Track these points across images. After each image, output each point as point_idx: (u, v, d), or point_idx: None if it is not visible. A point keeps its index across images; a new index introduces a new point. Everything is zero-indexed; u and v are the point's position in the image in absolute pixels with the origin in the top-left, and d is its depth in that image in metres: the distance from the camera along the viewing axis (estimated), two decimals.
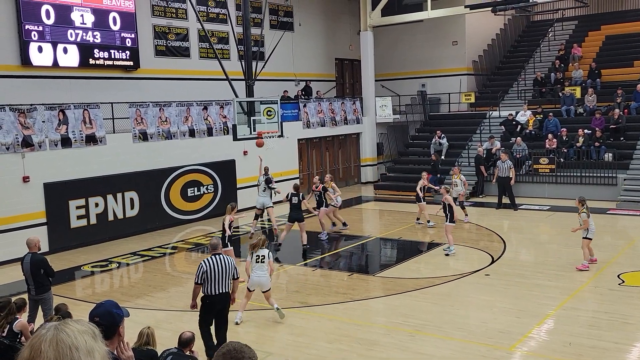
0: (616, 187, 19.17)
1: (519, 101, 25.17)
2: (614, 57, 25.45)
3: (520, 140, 21.61)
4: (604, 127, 20.93)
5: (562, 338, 8.49)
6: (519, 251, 13.97)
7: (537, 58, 27.86)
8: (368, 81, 26.13)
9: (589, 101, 22.69)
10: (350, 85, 29.74)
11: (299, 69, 25.75)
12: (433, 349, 8.32)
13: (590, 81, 23.93)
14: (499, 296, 10.58)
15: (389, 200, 21.61)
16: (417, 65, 28.40)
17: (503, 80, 27.80)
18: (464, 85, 27.43)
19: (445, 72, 27.90)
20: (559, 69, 25.45)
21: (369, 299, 10.83)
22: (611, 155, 19.98)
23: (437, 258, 13.46)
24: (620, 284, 10.77)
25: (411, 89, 27.96)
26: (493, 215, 18.32)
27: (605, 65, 24.80)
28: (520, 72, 27.51)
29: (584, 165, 20.07)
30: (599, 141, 20.27)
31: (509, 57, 29.65)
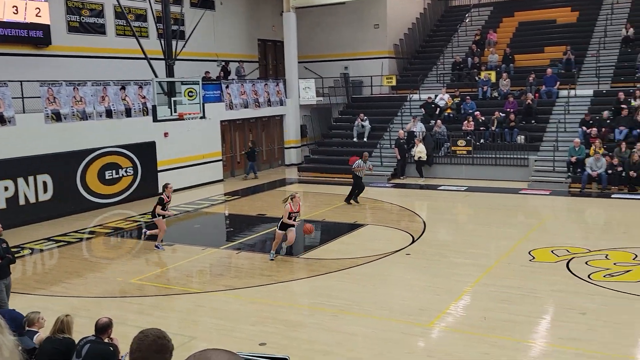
0: (527, 168, 20.10)
1: (438, 84, 25.83)
2: (526, 43, 26.53)
3: (440, 122, 22.22)
4: (517, 110, 21.85)
5: (477, 313, 8.86)
6: (438, 231, 14.42)
7: (455, 43, 28.63)
8: (291, 63, 26.03)
9: (503, 85, 23.59)
10: (273, 67, 29.54)
11: (221, 49, 25.30)
12: (355, 327, 8.48)
13: (505, 66, 24.87)
14: (418, 275, 10.90)
15: (312, 182, 21.73)
16: (340, 48, 28.55)
17: (423, 64, 28.42)
18: (386, 68, 27.85)
19: (367, 55, 28.20)
20: (475, 54, 26.27)
21: (293, 281, 10.89)
22: (523, 138, 20.93)
23: (360, 239, 13.69)
24: (531, 260, 11.34)
25: (334, 72, 28.10)
26: (414, 196, 18.80)
27: (518, 50, 25.82)
28: (439, 56, 28.20)
29: (498, 147, 20.91)
30: (512, 124, 21.15)
31: (429, 42, 30.32)
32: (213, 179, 21.77)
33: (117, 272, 11.61)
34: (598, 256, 11.41)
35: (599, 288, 9.67)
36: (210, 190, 20.62)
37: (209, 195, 19.67)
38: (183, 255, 12.67)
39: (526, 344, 7.82)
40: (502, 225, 14.70)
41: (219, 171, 22.31)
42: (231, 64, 25.34)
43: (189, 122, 18.74)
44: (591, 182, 18.12)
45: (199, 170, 21.15)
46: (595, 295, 9.37)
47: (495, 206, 16.90)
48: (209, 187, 21.22)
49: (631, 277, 10.21)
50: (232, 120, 23.52)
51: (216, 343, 7.96)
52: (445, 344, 7.94)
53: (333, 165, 23.25)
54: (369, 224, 15.13)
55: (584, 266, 10.77)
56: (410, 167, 21.77)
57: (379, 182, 20.90)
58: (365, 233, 14.20)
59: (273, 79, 26.52)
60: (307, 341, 8.05)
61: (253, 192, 20.37)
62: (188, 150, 20.69)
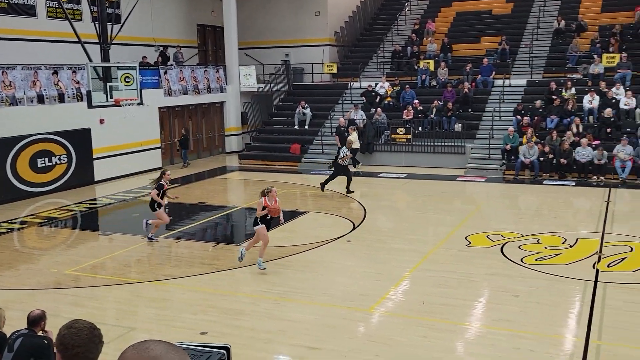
0: (464, 155, 20.62)
1: (379, 73, 26.08)
2: (463, 33, 27.11)
3: (380, 110, 22.48)
4: (455, 99, 22.35)
5: (416, 297, 9.06)
6: (378, 217, 14.62)
7: (395, 31, 28.95)
8: (231, 49, 25.70)
9: (442, 74, 24.06)
10: (213, 53, 29.10)
11: (158, 34, 24.71)
12: (297, 314, 8.53)
13: (443, 55, 25.35)
14: (359, 261, 11.04)
15: (254, 170, 21.61)
16: (281, 35, 28.38)
17: (363, 52, 28.61)
18: (327, 56, 27.89)
19: (308, 42, 28.16)
20: (414, 43, 26.65)
21: (235, 269, 10.83)
22: (460, 126, 21.45)
23: (301, 226, 13.73)
24: (467, 245, 11.67)
25: (275, 58, 27.94)
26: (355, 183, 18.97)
27: (456, 40, 26.35)
28: (380, 44, 28.46)
29: (436, 135, 21.35)
30: (450, 112, 21.63)
31: (369, 30, 30.53)
32: (151, 167, 21.31)
33: (51, 263, 11.24)
34: (530, 240, 11.85)
35: (531, 271, 10.06)
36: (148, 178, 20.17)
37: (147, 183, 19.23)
38: (121, 244, 12.39)
39: (462, 327, 8.06)
40: (440, 211, 15.05)
41: (157, 159, 21.86)
42: (169, 49, 24.81)
43: (125, 108, 18.28)
44: (524, 169, 18.77)
45: (137, 158, 20.67)
46: (528, 278, 9.74)
47: (433, 193, 17.26)
48: (148, 175, 20.76)
49: (561, 260, 10.66)
50: (171, 106, 23.07)
51: (156, 333, 7.85)
52: (385, 329, 8.09)
53: (274, 153, 23.19)
54: (311, 211, 15.19)
55: (517, 250, 11.17)
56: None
57: (319, 170, 20.99)
58: (307, 220, 14.25)
59: (213, 65, 26.13)
60: (249, 329, 8.04)
61: (193, 180, 20.08)
62: (125, 138, 20.16)
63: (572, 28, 24.87)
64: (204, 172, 21.43)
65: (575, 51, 23.43)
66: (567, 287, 9.31)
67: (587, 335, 7.59)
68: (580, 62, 22.88)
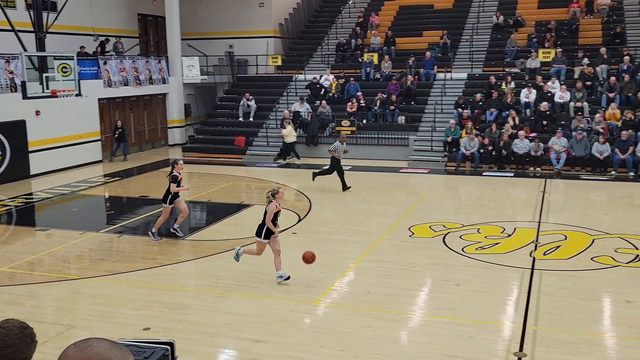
0: (407, 147, 20.95)
1: (323, 65, 26.14)
2: (406, 27, 27.48)
3: (325, 103, 22.56)
4: (398, 92, 22.65)
5: (361, 288, 9.18)
6: (324, 209, 14.70)
7: (339, 24, 29.06)
8: (174, 40, 25.22)
9: (385, 67, 24.32)
10: (155, 44, 28.49)
11: (97, 23, 24.01)
12: (243, 308, 8.49)
13: (386, 48, 25.63)
14: None
15: (198, 163, 21.33)
16: (225, 26, 28.06)
17: (308, 44, 28.60)
18: (271, 47, 27.76)
19: (252, 33, 27.95)
20: (358, 36, 26.84)
21: (179, 263, 10.69)
22: (403, 118, 21.77)
23: (246, 219, 13.66)
24: (411, 236, 11.89)
25: (219, 50, 27.62)
26: (300, 175, 19.02)
27: (399, 34, 26.69)
28: (324, 37, 28.51)
29: (380, 127, 21.60)
30: (394, 105, 21.92)
31: (313, 22, 30.54)
32: (91, 160, 20.76)
33: None
34: (471, 230, 12.17)
35: (471, 260, 10.34)
36: (88, 171, 19.66)
37: (87, 177, 18.74)
38: (59, 240, 12.02)
39: (406, 316, 8.22)
40: (384, 203, 15.26)
41: (97, 152, 21.29)
42: (109, 39, 24.14)
43: (63, 99, 17.70)
44: (465, 161, 19.24)
45: (76, 150, 20.07)
46: (469, 267, 10.01)
47: (377, 185, 17.48)
48: (87, 168, 20.22)
49: (500, 249, 10.99)
50: (112, 98, 22.49)
51: (97, 330, 7.67)
52: (330, 320, 8.16)
53: (218, 146, 22.96)
54: (256, 204, 15.12)
55: (459, 240, 11.45)
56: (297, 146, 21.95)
57: (264, 162, 20.94)
58: (252, 213, 14.18)
59: (155, 56, 25.59)
60: (193, 324, 7.96)
61: (135, 174, 19.66)
62: (63, 130, 19.54)
63: (510, 23, 25.59)
64: (146, 165, 21.01)
65: (513, 46, 24.13)
66: (506, 275, 9.62)
67: (525, 321, 7.87)
68: (518, 57, 23.58)
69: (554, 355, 6.94)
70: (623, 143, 17.94)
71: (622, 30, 23.50)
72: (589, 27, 24.83)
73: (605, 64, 21.56)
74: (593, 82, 21.13)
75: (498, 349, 7.18)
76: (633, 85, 20.17)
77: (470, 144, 19.21)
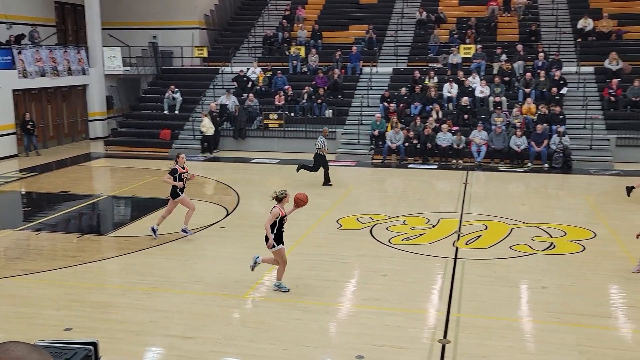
0: (335, 140, 21.13)
1: (250, 58, 25.95)
2: (332, 21, 27.66)
3: (252, 96, 22.41)
4: (326, 85, 22.80)
5: (290, 281, 9.20)
6: (252, 203, 14.63)
7: (266, 16, 28.90)
8: (94, 29, 24.33)
9: (312, 61, 24.41)
10: (73, 33, 27.36)
11: (10, 10, 22.81)
12: (170, 304, 8.35)
13: (313, 42, 25.72)
14: (233, 247, 11.00)
15: (121, 157, 20.74)
16: (148, 16, 27.32)
17: (234, 36, 28.28)
18: (197, 39, 27.29)
19: (177, 24, 27.36)
20: (285, 29, 26.79)
21: (102, 260, 10.37)
22: (331, 112, 21.95)
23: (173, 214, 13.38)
24: (339, 228, 12.03)
25: (142, 41, 26.86)
26: (227, 169, 18.83)
27: (325, 27, 26.83)
28: (251, 29, 28.29)
29: (308, 120, 21.68)
30: (321, 98, 22.04)
31: (240, 14, 30.23)
32: (5, 155, 19.77)
33: None
34: (397, 222, 12.45)
35: (397, 251, 10.58)
36: (2, 166, 18.71)
37: (1, 172, 17.84)
38: None
39: (335, 307, 8.32)
40: (313, 196, 15.28)
41: (11, 146, 20.29)
42: (24, 27, 23.00)
43: None
44: (391, 154, 19.62)
45: None
46: (395, 258, 10.24)
47: (305, 178, 17.54)
48: (1, 163, 19.24)
49: (425, 239, 11.30)
50: (27, 89, 21.46)
51: (15, 333, 7.35)
52: (259, 313, 8.15)
53: (143, 139, 22.40)
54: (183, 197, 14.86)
55: (385, 232, 11.68)
56: (224, 140, 21.76)
57: (191, 156, 20.60)
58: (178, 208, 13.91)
59: (74, 46, 24.60)
60: (118, 322, 7.75)
61: (54, 168, 18.87)
62: None
63: (433, 20, 26.24)
64: (66, 160, 20.20)
65: (435, 42, 24.76)
66: (431, 265, 9.90)
67: (448, 308, 8.13)
68: (441, 52, 24.22)
69: (476, 340, 7.22)
70: (538, 136, 18.80)
71: (537, 28, 24.57)
72: (507, 25, 25.83)
73: (522, 61, 22.50)
74: (511, 77, 22.02)
75: (423, 336, 7.39)
76: (547, 82, 21.15)
77: (396, 138, 19.60)
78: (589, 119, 19.87)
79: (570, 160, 18.39)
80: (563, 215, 13.32)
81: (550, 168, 18.38)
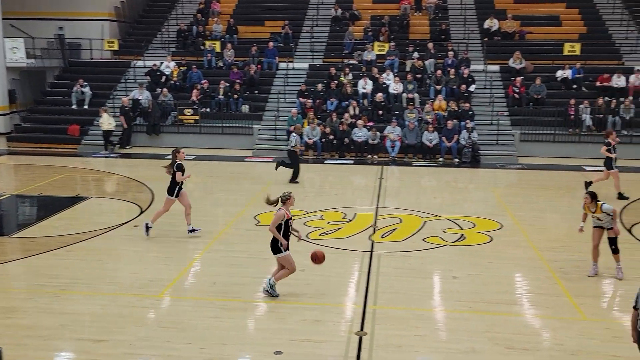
0: (252, 136, 21.04)
1: (164, 52, 25.34)
2: (248, 16, 27.46)
3: (166, 91, 21.89)
4: (242, 80, 22.61)
5: (207, 279, 9.10)
6: None
7: (180, 10, 28.30)
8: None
9: (228, 55, 24.14)
10: None
11: None
12: (81, 306, 8.04)
13: (229, 36, 25.43)
14: (148, 246, 10.72)
15: (25, 154, 19.72)
16: (53, 6, 26.10)
17: (147, 29, 27.53)
18: (107, 31, 26.34)
19: (85, 15, 26.32)
20: (200, 23, 26.33)
21: (5, 263, 9.82)
22: (247, 107, 21.80)
23: (83, 213, 12.90)
24: (257, 224, 11.99)
25: (47, 32, 25.61)
26: (141, 166, 18.31)
27: (241, 22, 26.60)
28: (164, 22, 27.61)
29: (224, 116, 21.44)
30: (237, 94, 21.85)
31: (152, 6, 29.44)
32: None
33: None
34: (314, 217, 12.56)
35: (315, 246, 10.65)
36: None
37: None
38: None
39: (253, 304, 8.29)
40: (230, 192, 15.21)
41: None
42: None
43: None
44: (308, 149, 19.74)
45: None
46: None
47: (222, 174, 17.38)
48: None
49: (342, 233, 11.47)
50: None
51: None
52: (176, 313, 8.00)
53: (49, 135, 21.39)
54: (93, 196, 14.35)
55: (303, 227, 11.75)
56: (137, 135, 21.16)
57: (102, 152, 19.91)
58: (89, 206, 13.43)
59: None
60: (24, 328, 7.38)
61: None
62: None
63: (347, 17, 26.59)
64: None
65: (350, 39, 25.11)
66: (348, 259, 10.07)
67: (365, 301, 8.30)
68: (355, 49, 24.59)
69: (391, 331, 7.41)
70: (449, 132, 19.50)
71: (447, 27, 25.44)
72: (418, 24, 26.57)
73: (433, 58, 23.24)
74: (422, 75, 22.69)
75: (341, 329, 7.51)
76: (457, 79, 21.96)
77: (313, 133, 19.75)
78: (496, 116, 20.82)
79: (479, 154, 19.21)
80: (472, 208, 13.89)
81: (460, 162, 19.11)
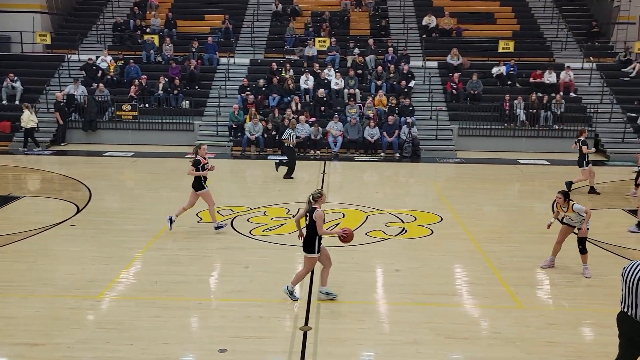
0: (193, 132, 20.74)
1: (99, 46, 24.65)
2: (187, 9, 27.03)
3: (103, 86, 21.30)
4: (182, 75, 22.24)
5: (148, 278, 8.92)
6: (106, 198, 13.94)
7: (116, 3, 27.57)
8: None
9: (167, 50, 23.70)
10: None
11: None
12: (15, 310, 7.74)
13: (167, 30, 24.96)
14: (86, 246, 10.42)
15: None
16: None
17: (81, 22, 26.71)
18: (38, 24, 25.37)
19: (14, 7, 25.30)
20: (137, 16, 25.72)
21: None
22: (188, 103, 21.47)
23: (15, 213, 12.41)
24: (199, 222, 11.85)
25: None
26: (77, 163, 17.77)
27: (180, 16, 26.16)
28: (99, 15, 26.85)
29: (164, 112, 21.05)
30: (177, 89, 21.48)
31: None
32: None
33: None
34: (258, 213, 12.50)
35: (259, 242, 10.64)
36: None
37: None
38: None
39: (196, 302, 8.18)
40: (170, 189, 14.95)
41: None
42: None
43: None
44: (250, 145, 19.63)
45: None
46: (257, 249, 10.28)
47: (162, 171, 17.05)
48: None
49: (285, 229, 11.46)
50: None
51: None
52: (116, 313, 7.81)
53: None
54: (26, 195, 13.82)
55: (246, 223, 11.69)
56: (72, 132, 20.52)
57: (35, 149, 19.22)
58: (22, 206, 12.93)
59: None
60: None
61: None
62: None
63: (288, 12, 26.54)
64: None
65: (291, 34, 25.08)
66: (292, 255, 10.07)
67: (309, 296, 8.33)
68: (297, 45, 24.59)
69: (336, 325, 7.47)
70: (390, 127, 19.78)
71: (387, 23, 25.77)
72: (359, 20, 26.80)
73: (373, 54, 23.50)
74: (363, 70, 22.91)
75: (286, 325, 7.51)
76: (397, 75, 22.28)
77: (255, 129, 19.64)
78: (434, 111, 21.25)
79: (419, 149, 19.57)
80: (413, 202, 14.15)
81: (401, 157, 19.42)
